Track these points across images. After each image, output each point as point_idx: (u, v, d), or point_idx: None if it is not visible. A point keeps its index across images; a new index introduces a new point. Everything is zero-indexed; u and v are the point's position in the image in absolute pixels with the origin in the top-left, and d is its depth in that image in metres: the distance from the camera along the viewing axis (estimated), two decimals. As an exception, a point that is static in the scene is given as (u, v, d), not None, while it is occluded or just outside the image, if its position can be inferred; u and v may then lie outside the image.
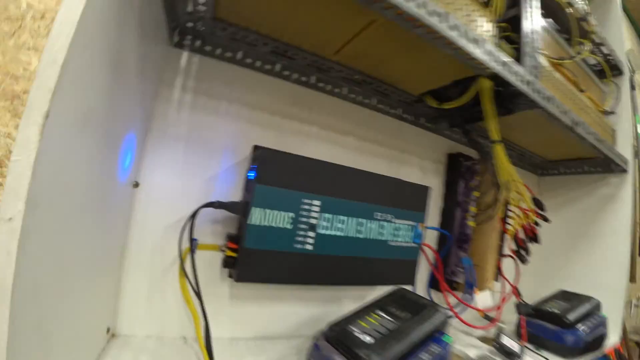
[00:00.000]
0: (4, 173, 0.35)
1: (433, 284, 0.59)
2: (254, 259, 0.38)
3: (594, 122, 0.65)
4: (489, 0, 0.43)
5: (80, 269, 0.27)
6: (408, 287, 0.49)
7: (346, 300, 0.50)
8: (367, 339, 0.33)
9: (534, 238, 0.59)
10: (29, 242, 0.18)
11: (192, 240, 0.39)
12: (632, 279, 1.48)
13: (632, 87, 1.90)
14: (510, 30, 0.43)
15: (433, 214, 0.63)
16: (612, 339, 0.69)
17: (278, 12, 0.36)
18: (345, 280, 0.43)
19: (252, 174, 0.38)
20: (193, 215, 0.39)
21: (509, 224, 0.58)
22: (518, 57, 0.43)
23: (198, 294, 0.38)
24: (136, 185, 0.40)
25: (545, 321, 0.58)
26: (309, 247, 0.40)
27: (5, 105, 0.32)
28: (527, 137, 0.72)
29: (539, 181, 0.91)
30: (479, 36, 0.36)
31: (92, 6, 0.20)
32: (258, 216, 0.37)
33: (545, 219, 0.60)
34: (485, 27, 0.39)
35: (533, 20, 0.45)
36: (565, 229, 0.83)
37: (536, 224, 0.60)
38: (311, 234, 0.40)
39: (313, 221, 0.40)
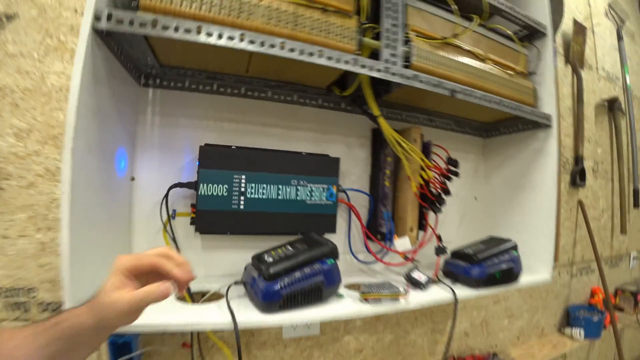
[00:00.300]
0: (58, 178, 0.60)
1: (369, 235, 0.76)
2: (206, 217, 0.59)
3: (502, 85, 0.75)
4: (359, 7, 0.58)
5: (103, 227, 0.50)
6: (330, 235, 0.67)
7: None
8: (270, 259, 0.52)
9: (445, 191, 0.73)
10: (73, 206, 0.40)
11: (171, 211, 0.61)
12: (623, 230, 1.48)
13: (620, 38, 1.78)
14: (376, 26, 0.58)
15: (363, 179, 0.80)
16: (543, 275, 0.80)
17: (195, 58, 0.55)
18: (274, 230, 0.63)
19: (198, 163, 0.59)
20: (167, 194, 0.61)
21: (422, 184, 0.72)
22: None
23: (176, 244, 0.60)
24: (133, 179, 0.63)
25: (460, 260, 0.71)
26: (242, 207, 0.60)
27: (51, 142, 0.57)
28: (443, 106, 0.83)
29: (484, 143, 1.01)
30: (334, 54, 0.51)
31: (86, 83, 0.41)
32: (204, 189, 0.58)
33: (455, 174, 0.73)
34: (346, 40, 0.55)
35: (399, 15, 0.59)
36: (505, 183, 0.93)
37: (447, 178, 0.73)
38: (242, 198, 0.60)
39: (243, 188, 0.60)
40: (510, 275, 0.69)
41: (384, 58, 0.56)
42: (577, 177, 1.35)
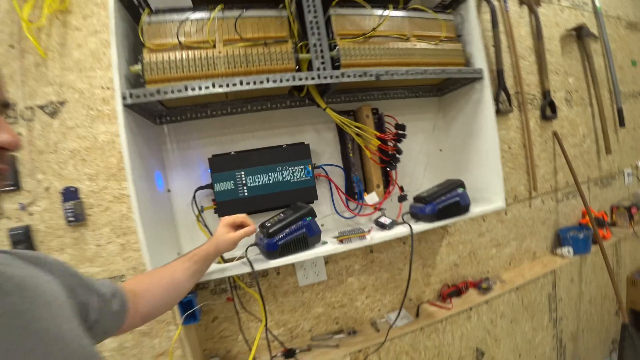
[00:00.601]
0: (123, 200, 0.88)
1: (346, 197, 0.98)
2: (223, 205, 0.84)
3: (427, 55, 0.92)
4: (291, 31, 0.79)
5: (158, 226, 0.77)
6: (314, 203, 0.91)
7: (288, 218, 0.94)
8: (269, 224, 0.76)
9: (396, 151, 0.93)
10: (141, 216, 0.67)
11: (200, 206, 0.88)
12: (608, 150, 1.58)
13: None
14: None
15: (335, 156, 1.01)
16: (497, 204, 0.97)
17: (189, 99, 0.79)
18: (271, 206, 0.87)
19: (210, 170, 0.84)
20: (194, 196, 0.87)
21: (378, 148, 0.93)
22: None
23: (207, 228, 0.87)
24: (169, 190, 0.90)
25: (418, 202, 0.91)
26: (246, 194, 0.85)
27: (112, 178, 0.86)
28: (390, 82, 1.02)
29: (439, 101, 1.18)
30: (277, 76, 0.73)
31: (127, 137, 0.67)
32: (218, 187, 0.84)
33: (403, 136, 0.93)
34: (286, 61, 0.76)
35: (322, 29, 0.78)
36: (460, 133, 1.10)
37: (398, 139, 0.94)
38: (245, 187, 0.85)
39: (244, 181, 0.85)
40: (458, 207, 0.88)
41: (316, 67, 0.77)
42: (547, 110, 1.47)
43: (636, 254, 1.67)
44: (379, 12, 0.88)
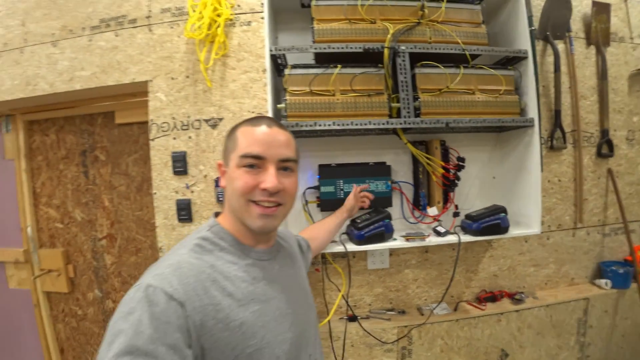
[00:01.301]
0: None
1: (413, 207, 1.30)
2: (325, 203, 1.22)
3: (488, 106, 1.18)
4: (387, 86, 1.12)
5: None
6: (388, 208, 1.24)
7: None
8: (359, 221, 1.12)
9: (455, 178, 1.22)
10: None
11: (304, 200, 1.27)
12: None
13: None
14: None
15: (408, 174, 1.33)
16: (533, 229, 1.21)
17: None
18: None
19: (318, 176, 1.23)
20: (304, 192, 1.26)
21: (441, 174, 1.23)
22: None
23: (311, 217, 1.25)
24: (284, 187, 1.30)
25: (468, 219, 1.20)
26: (342, 196, 1.21)
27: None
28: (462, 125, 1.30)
29: (498, 137, 1.42)
30: (375, 121, 1.08)
31: None
32: (323, 189, 1.21)
33: (462, 167, 1.22)
34: (381, 109, 1.10)
35: (407, 88, 1.10)
36: (512, 165, 1.35)
37: (458, 169, 1.23)
38: (342, 191, 1.21)
39: (341, 187, 1.21)
40: (498, 228, 1.15)
41: (403, 115, 1.09)
42: (603, 147, 1.61)
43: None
44: (451, 70, 1.17)
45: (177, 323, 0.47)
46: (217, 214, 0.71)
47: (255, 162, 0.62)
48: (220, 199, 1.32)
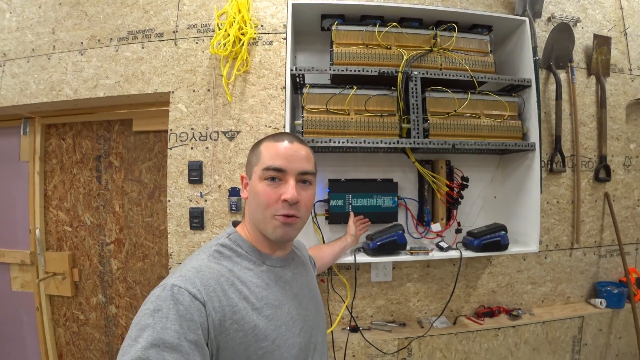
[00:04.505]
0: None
1: (417, 223, 1.44)
2: (334, 215, 1.35)
3: (492, 130, 1.34)
4: (399, 107, 1.27)
5: None
6: (394, 221, 1.37)
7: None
8: (371, 233, 1.25)
9: (459, 196, 1.37)
10: None
11: (313, 213, 1.40)
12: None
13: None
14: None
15: (414, 191, 1.47)
16: (531, 248, 1.36)
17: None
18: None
19: (328, 190, 1.36)
20: (313, 205, 1.39)
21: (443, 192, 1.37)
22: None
23: (320, 229, 1.38)
24: (296, 199, 1.43)
25: (470, 236, 1.34)
26: (350, 209, 1.35)
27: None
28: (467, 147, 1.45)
29: (501, 158, 1.58)
30: (386, 140, 1.22)
31: None
32: (332, 202, 1.35)
33: (465, 186, 1.37)
34: (392, 129, 1.25)
35: (420, 109, 1.25)
36: (512, 186, 1.50)
37: (462, 188, 1.37)
38: (350, 205, 1.35)
39: (350, 201, 1.35)
40: (498, 245, 1.29)
41: (413, 135, 1.24)
42: (600, 172, 1.77)
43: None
44: (459, 95, 1.32)
45: (199, 321, 0.53)
46: (235, 223, 0.78)
47: (277, 175, 0.68)
48: (233, 208, 1.45)
